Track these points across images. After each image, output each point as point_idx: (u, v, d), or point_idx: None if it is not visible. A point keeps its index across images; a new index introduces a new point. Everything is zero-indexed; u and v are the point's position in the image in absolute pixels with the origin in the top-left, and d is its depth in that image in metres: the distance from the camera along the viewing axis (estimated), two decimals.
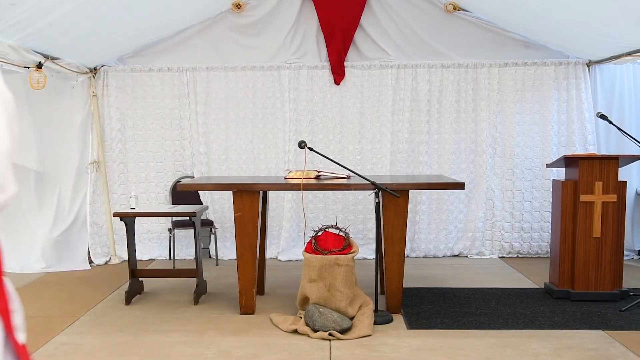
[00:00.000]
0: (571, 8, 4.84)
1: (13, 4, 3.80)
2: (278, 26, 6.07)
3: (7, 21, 4.03)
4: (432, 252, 6.19)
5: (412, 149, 6.14)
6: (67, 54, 5.30)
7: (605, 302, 4.36)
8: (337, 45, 6.03)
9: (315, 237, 4.10)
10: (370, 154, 6.16)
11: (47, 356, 3.46)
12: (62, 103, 5.85)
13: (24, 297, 4.72)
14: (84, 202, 5.98)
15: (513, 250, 6.17)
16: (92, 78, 5.98)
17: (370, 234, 6.07)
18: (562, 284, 4.52)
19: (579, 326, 3.90)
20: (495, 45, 6.04)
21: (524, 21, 5.72)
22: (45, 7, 4.08)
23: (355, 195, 6.13)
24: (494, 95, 6.06)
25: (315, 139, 6.08)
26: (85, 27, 4.86)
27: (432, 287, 4.93)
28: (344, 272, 3.90)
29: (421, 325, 3.96)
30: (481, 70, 6.05)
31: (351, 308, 3.95)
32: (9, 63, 4.56)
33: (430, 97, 6.09)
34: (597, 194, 4.40)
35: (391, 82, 6.08)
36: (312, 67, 6.11)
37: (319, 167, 4.96)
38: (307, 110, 6.13)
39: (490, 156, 6.10)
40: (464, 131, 6.12)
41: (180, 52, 6.11)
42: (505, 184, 6.13)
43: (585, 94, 5.99)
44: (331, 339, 3.69)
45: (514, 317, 4.10)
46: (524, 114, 6.07)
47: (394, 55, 6.10)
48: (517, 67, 6.02)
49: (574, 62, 6.00)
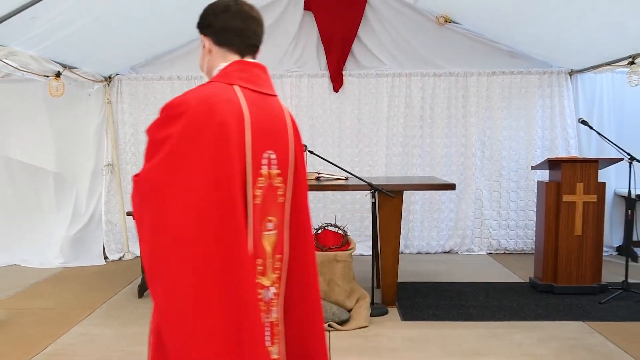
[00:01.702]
0: (554, 21, 4.87)
1: (34, 18, 3.81)
2: (281, 37, 6.08)
3: (28, 33, 4.04)
4: (424, 248, 6.20)
5: (406, 152, 6.15)
6: (83, 64, 5.32)
7: (586, 295, 4.37)
8: (336, 55, 6.04)
9: (316, 235, 4.11)
10: (367, 156, 6.17)
11: (65, 345, 3.48)
12: (79, 109, 5.86)
13: (44, 290, 4.76)
14: (100, 202, 5.99)
15: (500, 247, 6.18)
16: (106, 86, 5.99)
17: (367, 232, 6.07)
18: (546, 278, 4.53)
19: (561, 317, 3.91)
20: (483, 55, 6.05)
21: (510, 33, 5.74)
22: (64, 21, 4.10)
23: (353, 195, 6.14)
24: (483, 102, 6.07)
25: (316, 143, 6.09)
26: (100, 39, 4.88)
27: (424, 282, 4.94)
28: (343, 268, 3.92)
29: (414, 317, 3.97)
30: (470, 79, 6.07)
31: (349, 301, 3.97)
32: (30, 72, 4.58)
33: (423, 103, 6.10)
34: (578, 194, 4.42)
35: (386, 89, 6.09)
36: (313, 76, 6.13)
37: (319, 169, 4.97)
38: (308, 116, 6.14)
39: (479, 159, 6.12)
40: (455, 135, 6.13)
41: (189, 61, 6.10)
42: (493, 185, 6.15)
43: (568, 101, 6.01)
44: (330, 329, 3.70)
45: (501, 310, 4.11)
46: (511, 120, 6.08)
47: (389, 64, 6.11)
48: (504, 76, 6.04)
49: (557, 71, 6.02)
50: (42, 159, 5.74)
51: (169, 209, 1.43)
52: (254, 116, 1.54)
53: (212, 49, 1.65)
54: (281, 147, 1.63)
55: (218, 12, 1.62)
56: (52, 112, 5.72)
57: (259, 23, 1.66)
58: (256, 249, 1.56)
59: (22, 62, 4.28)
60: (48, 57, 4.64)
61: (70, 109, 5.78)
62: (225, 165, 1.46)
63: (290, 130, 1.68)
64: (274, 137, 1.61)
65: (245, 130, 1.51)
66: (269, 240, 1.60)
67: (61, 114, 5.76)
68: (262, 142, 1.57)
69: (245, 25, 1.62)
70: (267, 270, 1.60)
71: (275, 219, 1.61)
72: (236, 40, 1.62)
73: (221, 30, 1.62)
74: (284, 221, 1.64)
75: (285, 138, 1.65)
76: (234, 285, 1.46)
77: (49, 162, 5.76)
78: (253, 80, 1.60)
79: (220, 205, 1.45)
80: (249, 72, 1.61)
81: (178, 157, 1.43)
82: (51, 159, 5.76)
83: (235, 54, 1.64)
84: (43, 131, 5.74)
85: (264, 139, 1.57)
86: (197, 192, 1.43)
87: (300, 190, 1.70)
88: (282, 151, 1.63)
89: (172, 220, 1.44)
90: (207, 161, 1.44)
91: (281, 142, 1.64)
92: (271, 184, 1.59)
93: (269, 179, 1.59)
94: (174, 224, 1.44)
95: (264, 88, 1.63)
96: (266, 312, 1.60)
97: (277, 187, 1.62)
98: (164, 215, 1.44)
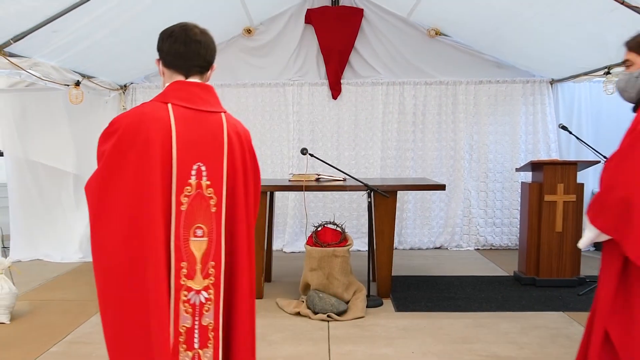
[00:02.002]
0: (537, 35, 4.88)
1: (55, 31, 3.83)
2: (283, 49, 6.10)
3: (50, 46, 4.06)
4: (417, 244, 6.21)
5: (400, 155, 6.17)
6: (101, 74, 5.33)
7: (566, 287, 4.38)
8: (335, 65, 6.06)
9: (316, 232, 4.11)
10: (363, 159, 6.19)
11: (84, 334, 3.49)
12: (97, 116, 5.86)
13: (65, 283, 4.78)
14: None
15: (487, 243, 6.19)
16: (122, 94, 6.01)
17: (363, 229, 6.07)
18: (529, 272, 4.54)
19: (543, 308, 3.92)
20: (471, 65, 6.07)
21: (496, 45, 5.76)
22: (83, 34, 4.12)
23: (350, 195, 6.15)
24: (471, 108, 6.09)
25: (316, 147, 6.10)
26: (116, 51, 4.89)
27: (417, 275, 4.95)
28: (341, 262, 3.92)
29: (407, 308, 3.98)
30: (459, 87, 6.08)
31: (347, 293, 3.97)
32: (52, 81, 4.59)
33: (415, 110, 6.11)
34: (559, 194, 4.43)
35: (381, 97, 6.11)
36: (313, 84, 6.14)
37: (318, 171, 4.99)
38: (309, 122, 6.15)
39: (467, 161, 6.13)
40: (445, 140, 6.15)
41: None
42: (480, 186, 6.16)
43: (549, 108, 6.02)
44: (329, 320, 3.71)
45: (487, 301, 4.12)
46: (496, 125, 6.10)
47: (384, 73, 6.12)
48: (491, 85, 6.05)
49: (539, 80, 6.03)
50: (63, 162, 5.74)
51: (103, 215, 1.57)
52: (183, 131, 1.59)
53: (164, 71, 1.72)
54: (213, 160, 1.63)
55: (165, 37, 1.69)
56: (72, 118, 5.73)
57: (204, 45, 1.68)
58: (180, 253, 1.57)
59: (44, 72, 4.29)
60: (68, 67, 4.66)
61: (88, 115, 5.79)
62: (147, 177, 1.53)
63: (225, 145, 1.66)
64: (205, 151, 1.62)
65: (172, 145, 1.57)
66: (197, 246, 1.60)
67: (80, 119, 5.77)
68: (191, 155, 1.60)
69: (186, 49, 1.65)
70: (195, 274, 1.59)
71: (205, 227, 1.61)
72: (179, 62, 1.67)
73: (167, 54, 1.68)
74: (219, 230, 1.62)
75: (219, 152, 1.64)
76: (139, 284, 1.51)
77: (69, 164, 5.76)
78: (188, 99, 1.64)
79: (138, 212, 1.53)
80: (186, 91, 1.65)
81: (108, 170, 1.56)
82: (71, 161, 5.77)
83: (181, 74, 1.68)
84: (64, 136, 5.75)
85: (193, 152, 1.60)
86: (121, 200, 1.54)
87: (238, 202, 1.67)
88: (214, 164, 1.63)
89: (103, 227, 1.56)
90: (131, 174, 1.54)
91: (214, 156, 1.64)
92: (201, 194, 1.61)
93: (198, 189, 1.61)
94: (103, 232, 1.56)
95: (201, 105, 1.65)
96: (196, 315, 1.59)
97: (209, 197, 1.62)
98: (98, 221, 1.57)
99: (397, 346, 3.27)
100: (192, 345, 1.59)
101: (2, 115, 5.67)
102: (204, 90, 1.68)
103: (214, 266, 1.61)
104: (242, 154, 1.72)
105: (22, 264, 5.45)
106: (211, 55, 1.71)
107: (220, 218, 1.63)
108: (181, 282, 1.57)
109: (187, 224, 1.58)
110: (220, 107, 1.71)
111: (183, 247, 1.58)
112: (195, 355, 1.60)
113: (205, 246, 1.60)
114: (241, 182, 1.69)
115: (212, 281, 1.61)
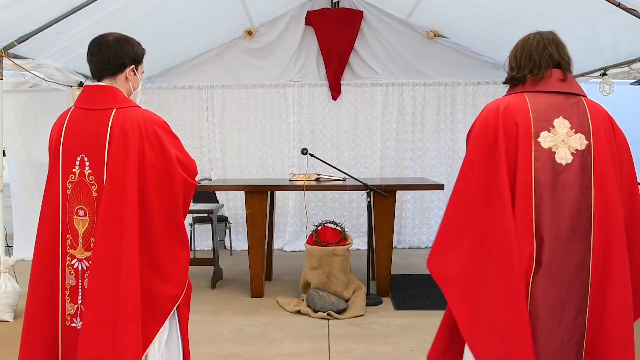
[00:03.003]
0: None
1: (59, 33, 3.85)
2: (284, 50, 6.11)
3: (54, 47, 4.07)
4: (416, 243, 6.22)
5: (399, 155, 6.18)
6: None
7: None
8: (335, 67, 6.07)
9: (316, 231, 4.13)
10: (362, 159, 6.20)
11: None
12: None
13: None
14: None
15: None
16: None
17: (363, 228, 6.09)
18: None
19: None
20: (469, 66, 6.08)
21: (493, 46, 5.77)
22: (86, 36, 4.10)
23: (350, 194, 6.17)
24: (469, 109, 6.10)
25: (316, 147, 6.12)
26: None
27: (415, 274, 4.96)
28: (341, 261, 3.93)
29: (406, 306, 4.00)
30: (458, 88, 6.09)
31: (346, 292, 3.98)
32: (56, 82, 4.61)
33: (414, 110, 6.13)
34: None
35: (381, 97, 6.12)
36: (313, 85, 6.16)
37: (319, 171, 5.01)
38: (309, 122, 6.17)
39: None
40: (443, 140, 6.16)
41: (199, 72, 6.14)
42: None
43: None
44: (329, 318, 3.72)
45: None
46: None
47: (383, 75, 6.14)
48: (488, 86, 6.07)
49: None
50: None
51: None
52: (71, 128, 1.90)
53: None
54: (95, 153, 1.86)
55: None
56: None
57: (109, 49, 1.90)
58: (65, 227, 1.91)
59: (48, 73, 4.30)
60: (72, 68, 4.67)
61: None
62: (50, 166, 1.96)
63: (107, 138, 1.85)
64: (89, 144, 1.86)
65: (61, 141, 1.91)
66: (79, 223, 1.90)
67: None
68: (76, 148, 1.88)
69: (92, 57, 1.92)
70: (77, 245, 1.91)
71: (87, 209, 1.89)
72: (91, 69, 1.93)
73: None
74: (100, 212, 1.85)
75: (101, 145, 1.85)
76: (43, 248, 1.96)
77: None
78: (84, 100, 1.91)
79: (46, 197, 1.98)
80: (85, 93, 1.93)
81: None
82: None
83: (95, 80, 1.94)
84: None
85: (78, 145, 1.88)
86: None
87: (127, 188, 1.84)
88: (96, 156, 1.86)
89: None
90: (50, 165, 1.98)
91: (96, 149, 1.86)
92: (83, 181, 1.89)
93: (80, 177, 1.89)
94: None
95: (92, 105, 1.89)
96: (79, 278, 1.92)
97: (91, 184, 1.88)
98: None
99: (396, 344, 3.29)
100: (75, 300, 1.93)
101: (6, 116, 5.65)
102: (101, 91, 1.90)
103: (94, 242, 1.86)
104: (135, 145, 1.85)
105: (26, 263, 5.45)
106: (119, 57, 1.91)
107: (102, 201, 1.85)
108: (67, 250, 1.92)
109: (71, 205, 1.90)
110: (114, 105, 1.88)
111: (70, 223, 1.91)
112: (78, 308, 1.93)
113: (87, 224, 1.90)
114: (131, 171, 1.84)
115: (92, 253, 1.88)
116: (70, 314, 1.93)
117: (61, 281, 1.93)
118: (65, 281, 1.92)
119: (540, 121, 1.70)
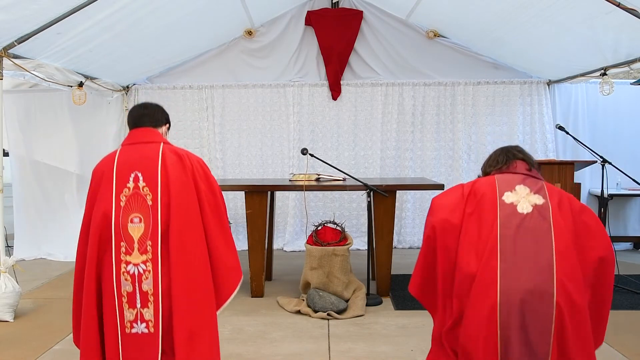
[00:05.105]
0: (534, 37, 4.89)
1: (59, 33, 3.84)
2: (284, 50, 6.10)
3: (54, 48, 4.06)
4: (416, 243, 6.20)
5: (399, 155, 6.17)
6: (103, 75, 5.34)
7: None
8: (334, 66, 6.06)
9: (316, 231, 4.12)
10: (362, 159, 6.19)
11: None
12: (99, 116, 5.88)
13: (68, 282, 4.77)
14: None
15: None
16: (124, 95, 6.01)
17: (363, 228, 6.09)
18: None
19: None
20: (469, 66, 6.07)
21: (493, 46, 5.76)
22: (86, 37, 4.12)
23: (350, 194, 6.16)
24: (469, 109, 6.09)
25: (316, 147, 6.11)
26: (119, 53, 4.90)
27: None
28: (341, 261, 3.92)
29: (406, 306, 3.99)
30: (458, 88, 6.08)
31: (346, 292, 3.98)
32: (56, 82, 4.60)
33: (414, 110, 6.12)
34: None
35: (381, 97, 6.11)
36: (313, 85, 6.15)
37: (319, 171, 5.00)
38: (309, 122, 6.16)
39: (466, 161, 6.13)
40: (443, 140, 6.15)
41: (199, 72, 6.13)
42: None
43: (546, 108, 6.03)
44: (329, 318, 3.71)
45: None
46: (494, 126, 6.10)
47: (383, 74, 6.12)
48: (488, 86, 6.05)
49: (536, 81, 6.04)
50: (66, 162, 5.75)
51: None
52: (123, 157, 2.21)
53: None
54: (149, 170, 2.16)
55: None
56: (75, 118, 5.74)
57: (150, 106, 2.37)
58: (119, 235, 2.11)
59: (48, 73, 4.29)
60: (72, 68, 4.66)
61: (91, 116, 5.80)
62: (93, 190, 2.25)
63: (160, 158, 2.19)
64: (141, 164, 2.17)
65: (114, 164, 2.19)
66: (134, 230, 2.11)
67: (83, 120, 5.78)
68: (129, 168, 2.17)
69: (137, 109, 2.36)
70: (132, 251, 2.09)
71: (142, 216, 2.12)
72: (134, 119, 2.33)
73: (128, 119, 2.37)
74: (155, 218, 2.12)
75: (154, 163, 2.17)
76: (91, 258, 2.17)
77: (73, 164, 5.77)
78: (132, 137, 2.28)
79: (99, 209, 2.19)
80: (133, 133, 2.30)
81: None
82: (74, 161, 5.77)
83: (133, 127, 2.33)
84: (67, 136, 5.76)
85: (131, 166, 2.17)
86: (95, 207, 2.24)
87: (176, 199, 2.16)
88: (149, 172, 2.16)
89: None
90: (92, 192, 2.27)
91: (150, 166, 2.17)
92: (138, 193, 2.14)
93: (135, 190, 2.14)
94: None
95: (142, 139, 2.26)
96: (136, 282, 2.09)
97: (145, 194, 2.14)
98: None
99: (396, 344, 3.28)
100: (134, 305, 2.06)
101: (6, 116, 5.67)
102: (149, 131, 2.29)
103: (151, 245, 2.09)
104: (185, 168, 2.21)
105: (26, 263, 5.46)
106: (162, 114, 2.38)
107: (157, 209, 2.12)
108: (121, 258, 2.09)
109: (125, 214, 2.12)
110: (161, 140, 2.28)
111: (124, 231, 2.11)
112: (137, 313, 2.07)
113: (142, 230, 2.11)
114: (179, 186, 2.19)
115: (150, 257, 2.10)
116: (129, 320, 2.07)
117: (117, 289, 2.08)
118: (122, 288, 2.08)
119: (505, 186, 2.08)
